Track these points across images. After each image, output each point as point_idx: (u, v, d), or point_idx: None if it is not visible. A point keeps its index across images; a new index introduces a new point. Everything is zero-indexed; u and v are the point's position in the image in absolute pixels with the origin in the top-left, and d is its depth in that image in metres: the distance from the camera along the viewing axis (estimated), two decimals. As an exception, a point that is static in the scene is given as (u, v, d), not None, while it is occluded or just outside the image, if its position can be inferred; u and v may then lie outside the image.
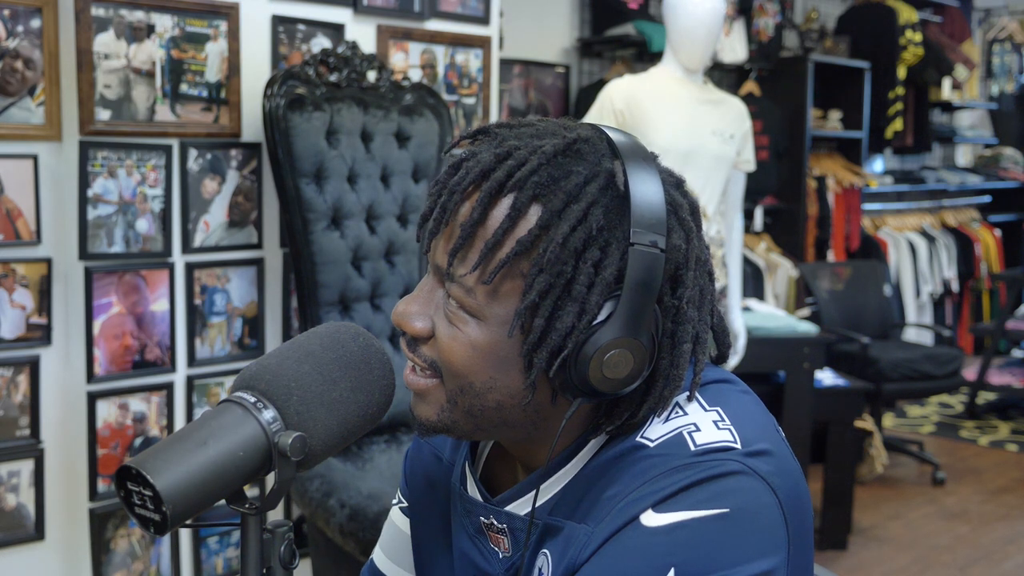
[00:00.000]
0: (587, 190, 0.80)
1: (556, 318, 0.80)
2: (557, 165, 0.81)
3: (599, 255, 0.79)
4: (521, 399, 0.83)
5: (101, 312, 2.34)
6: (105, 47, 2.29)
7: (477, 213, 0.80)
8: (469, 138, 0.88)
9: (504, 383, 0.83)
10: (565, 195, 0.79)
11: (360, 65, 2.56)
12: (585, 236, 0.79)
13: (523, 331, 0.81)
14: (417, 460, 1.05)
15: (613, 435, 0.85)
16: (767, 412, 0.88)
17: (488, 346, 0.82)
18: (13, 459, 2.31)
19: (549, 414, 0.85)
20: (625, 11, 4.65)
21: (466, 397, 0.84)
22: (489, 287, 0.81)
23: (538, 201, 0.80)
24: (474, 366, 0.83)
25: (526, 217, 0.80)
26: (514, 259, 0.80)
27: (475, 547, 0.93)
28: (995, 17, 7.50)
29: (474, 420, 0.85)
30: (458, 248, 0.81)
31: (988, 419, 5.52)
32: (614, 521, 0.79)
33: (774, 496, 0.78)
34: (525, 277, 0.80)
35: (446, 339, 0.84)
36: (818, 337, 3.59)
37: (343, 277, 2.46)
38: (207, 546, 2.59)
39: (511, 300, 0.81)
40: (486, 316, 0.82)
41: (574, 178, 0.80)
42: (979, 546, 3.71)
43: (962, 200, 7.14)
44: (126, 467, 0.73)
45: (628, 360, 0.80)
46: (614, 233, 0.80)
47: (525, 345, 0.81)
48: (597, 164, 0.81)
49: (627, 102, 2.83)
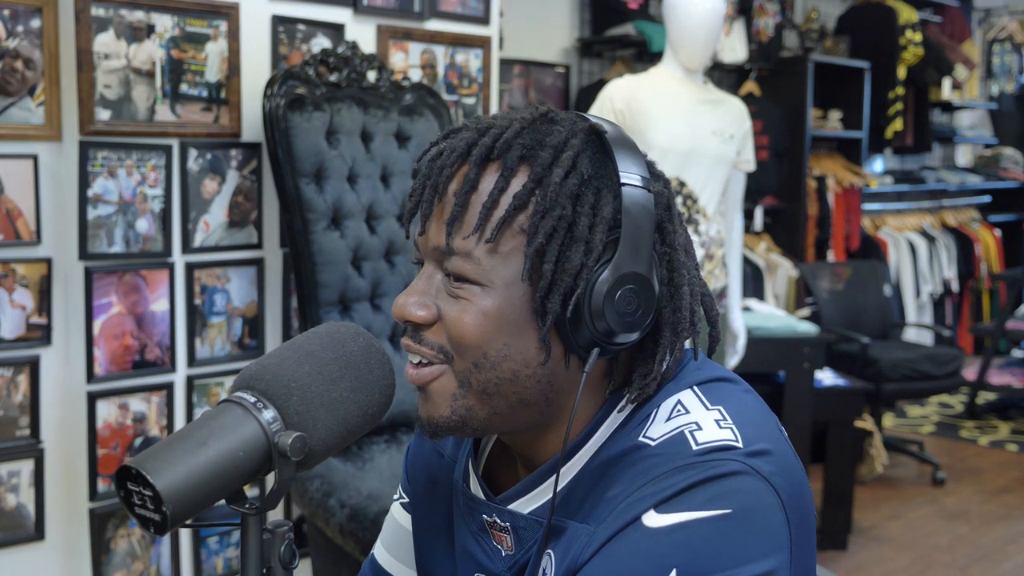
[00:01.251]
0: (571, 143, 0.84)
1: (564, 259, 0.82)
2: (536, 130, 0.85)
3: (593, 198, 0.83)
4: (536, 366, 0.84)
5: (101, 312, 2.34)
6: (105, 47, 2.29)
7: (468, 182, 0.83)
8: (444, 137, 0.90)
9: (518, 348, 0.83)
10: (551, 150, 0.83)
11: (360, 65, 2.56)
12: (578, 181, 0.83)
13: (532, 282, 0.82)
14: (418, 456, 1.05)
15: (634, 401, 0.85)
16: (770, 412, 0.88)
17: (498, 311, 0.83)
18: (13, 459, 2.31)
19: (563, 385, 0.85)
20: (625, 11, 4.65)
21: (481, 372, 0.84)
22: (491, 247, 0.82)
23: (525, 161, 0.84)
24: (487, 334, 0.83)
25: (517, 176, 0.83)
26: (512, 214, 0.82)
27: (478, 544, 0.93)
28: (995, 17, 7.49)
29: (489, 401, 0.85)
30: (455, 216, 0.83)
31: (988, 419, 5.52)
32: (616, 521, 0.79)
33: (776, 496, 0.78)
34: (526, 231, 0.82)
35: (454, 315, 0.84)
36: (818, 337, 3.59)
37: (343, 277, 2.46)
38: (207, 546, 2.59)
39: (514, 258, 0.83)
40: (492, 280, 0.83)
41: (555, 136, 0.84)
42: (979, 546, 3.71)
43: (962, 200, 7.14)
44: (126, 467, 0.73)
45: (638, 296, 0.82)
46: (603, 180, 0.84)
47: (537, 293, 0.82)
48: (573, 124, 0.86)
49: (627, 102, 2.83)
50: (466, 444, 0.98)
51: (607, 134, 0.84)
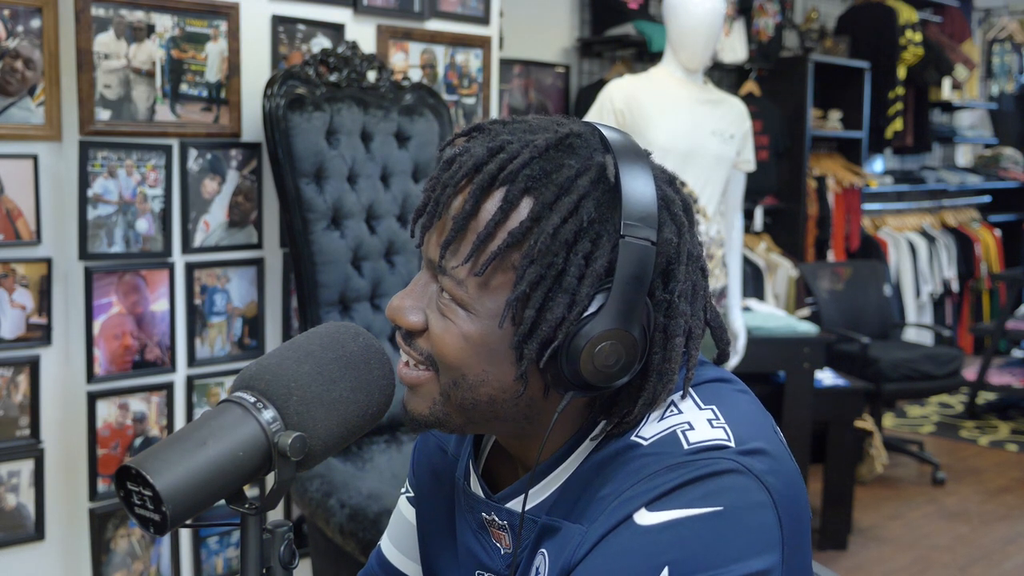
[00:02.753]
0: (578, 183, 0.80)
1: (547, 309, 0.80)
2: (549, 159, 0.81)
3: (590, 247, 0.80)
4: (513, 393, 0.84)
5: (101, 312, 2.34)
6: (105, 47, 2.29)
7: (469, 205, 0.81)
8: (464, 135, 0.88)
9: (496, 376, 0.83)
10: (556, 188, 0.80)
11: (360, 65, 2.56)
12: (576, 228, 0.79)
13: (514, 322, 0.81)
14: (423, 451, 1.06)
15: (610, 434, 0.84)
16: (764, 411, 0.88)
17: (480, 338, 0.82)
18: (13, 459, 2.31)
19: (542, 408, 0.86)
20: (625, 11, 4.65)
21: (459, 391, 0.84)
22: (481, 279, 0.81)
23: (529, 194, 0.81)
24: (466, 359, 0.83)
25: (517, 210, 0.81)
26: (505, 251, 0.80)
27: (478, 542, 0.94)
28: (995, 17, 7.49)
29: (466, 414, 0.86)
30: (450, 240, 0.82)
31: (988, 419, 5.52)
32: (608, 520, 0.79)
33: (768, 495, 0.78)
34: (516, 269, 0.80)
35: (439, 332, 0.84)
36: (818, 337, 3.59)
37: (343, 277, 2.46)
38: (207, 546, 2.59)
39: (502, 293, 0.82)
40: (477, 309, 0.82)
41: (565, 171, 0.81)
42: (979, 546, 3.71)
43: (962, 200, 7.14)
44: (126, 467, 0.73)
45: (619, 352, 0.80)
46: (605, 226, 0.80)
47: (516, 336, 0.81)
48: (589, 158, 0.82)
49: (627, 102, 2.83)
50: (467, 443, 0.99)
51: (621, 178, 0.80)
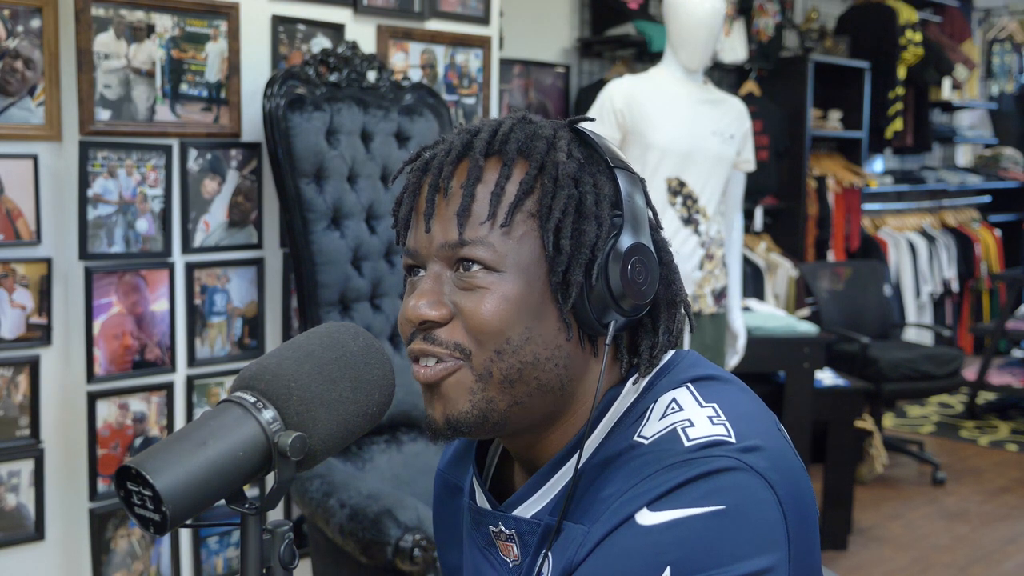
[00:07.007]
0: (560, 134, 0.89)
1: (580, 232, 0.85)
2: (524, 128, 0.89)
3: (592, 179, 0.88)
4: (555, 348, 0.85)
5: (101, 312, 2.34)
6: (105, 47, 2.29)
7: (474, 174, 0.86)
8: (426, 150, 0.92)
9: (539, 330, 0.85)
10: (544, 142, 0.88)
11: (360, 65, 2.56)
12: (577, 165, 0.87)
13: (549, 260, 0.85)
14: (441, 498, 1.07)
15: (646, 373, 0.88)
16: (767, 410, 0.87)
17: (518, 295, 0.84)
18: (13, 459, 2.31)
19: (577, 372, 0.87)
20: (625, 11, 4.64)
21: (503, 359, 0.84)
22: (506, 231, 0.85)
23: (522, 154, 0.88)
24: (509, 319, 0.84)
25: (518, 166, 0.87)
26: (522, 199, 0.85)
27: (486, 560, 0.93)
28: (995, 17, 7.49)
29: (511, 390, 0.84)
30: (466, 206, 0.85)
31: (988, 419, 5.52)
32: (609, 520, 0.79)
33: (772, 492, 0.78)
34: (536, 214, 0.86)
35: (472, 306, 0.84)
36: (818, 337, 3.59)
37: (343, 277, 2.46)
38: (207, 546, 2.59)
39: (527, 242, 0.85)
40: (508, 266, 0.84)
41: (544, 131, 0.89)
42: (979, 546, 3.71)
43: (962, 200, 7.14)
44: (126, 467, 0.73)
45: (646, 268, 0.87)
46: (595, 165, 0.89)
47: (558, 268, 0.85)
48: (554, 122, 0.91)
49: (627, 102, 2.83)
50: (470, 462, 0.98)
51: (586, 132, 0.91)
